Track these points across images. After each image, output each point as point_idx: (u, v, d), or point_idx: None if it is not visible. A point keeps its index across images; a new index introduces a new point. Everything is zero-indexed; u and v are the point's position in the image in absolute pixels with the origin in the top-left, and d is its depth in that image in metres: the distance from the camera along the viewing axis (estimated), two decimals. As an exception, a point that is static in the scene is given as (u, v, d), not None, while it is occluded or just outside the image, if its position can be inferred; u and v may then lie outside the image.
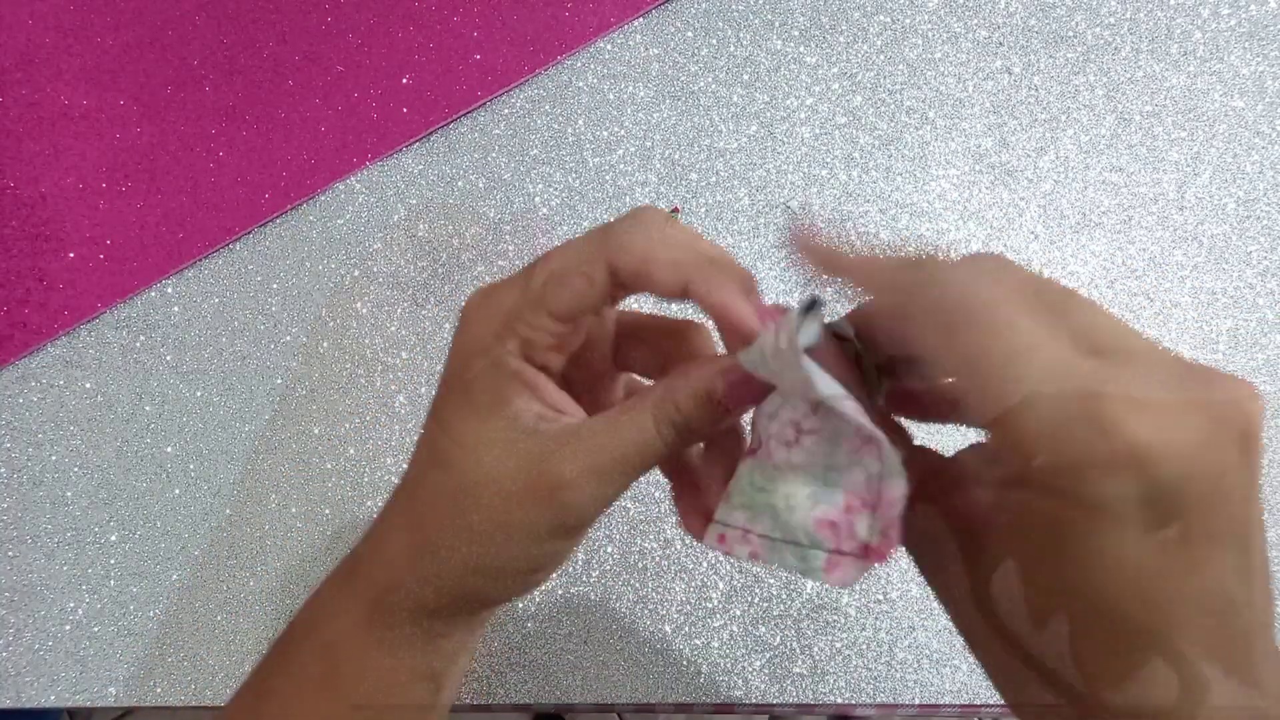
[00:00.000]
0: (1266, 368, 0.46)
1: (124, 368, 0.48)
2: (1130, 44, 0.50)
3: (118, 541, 0.46)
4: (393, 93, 0.51)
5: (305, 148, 0.50)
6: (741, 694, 0.43)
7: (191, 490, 0.46)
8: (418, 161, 0.50)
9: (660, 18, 0.51)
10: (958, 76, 0.50)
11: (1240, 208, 0.48)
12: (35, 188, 0.50)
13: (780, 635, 0.43)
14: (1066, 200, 0.48)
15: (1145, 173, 0.49)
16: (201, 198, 0.50)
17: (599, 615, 0.44)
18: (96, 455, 0.47)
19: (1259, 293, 0.47)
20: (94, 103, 0.51)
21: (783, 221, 0.49)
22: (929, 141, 0.49)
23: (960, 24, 0.51)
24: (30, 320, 0.48)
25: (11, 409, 0.48)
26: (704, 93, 0.50)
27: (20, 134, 0.51)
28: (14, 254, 0.49)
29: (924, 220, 0.48)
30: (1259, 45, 0.50)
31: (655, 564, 0.44)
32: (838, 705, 0.43)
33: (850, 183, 0.49)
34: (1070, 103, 0.49)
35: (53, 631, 0.45)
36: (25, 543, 0.46)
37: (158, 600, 0.45)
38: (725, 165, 0.49)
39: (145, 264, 0.49)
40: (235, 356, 0.48)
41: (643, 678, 0.43)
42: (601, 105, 0.50)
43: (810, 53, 0.51)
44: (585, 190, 0.49)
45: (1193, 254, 0.48)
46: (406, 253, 0.49)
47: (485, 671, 0.44)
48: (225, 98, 0.51)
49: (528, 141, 0.50)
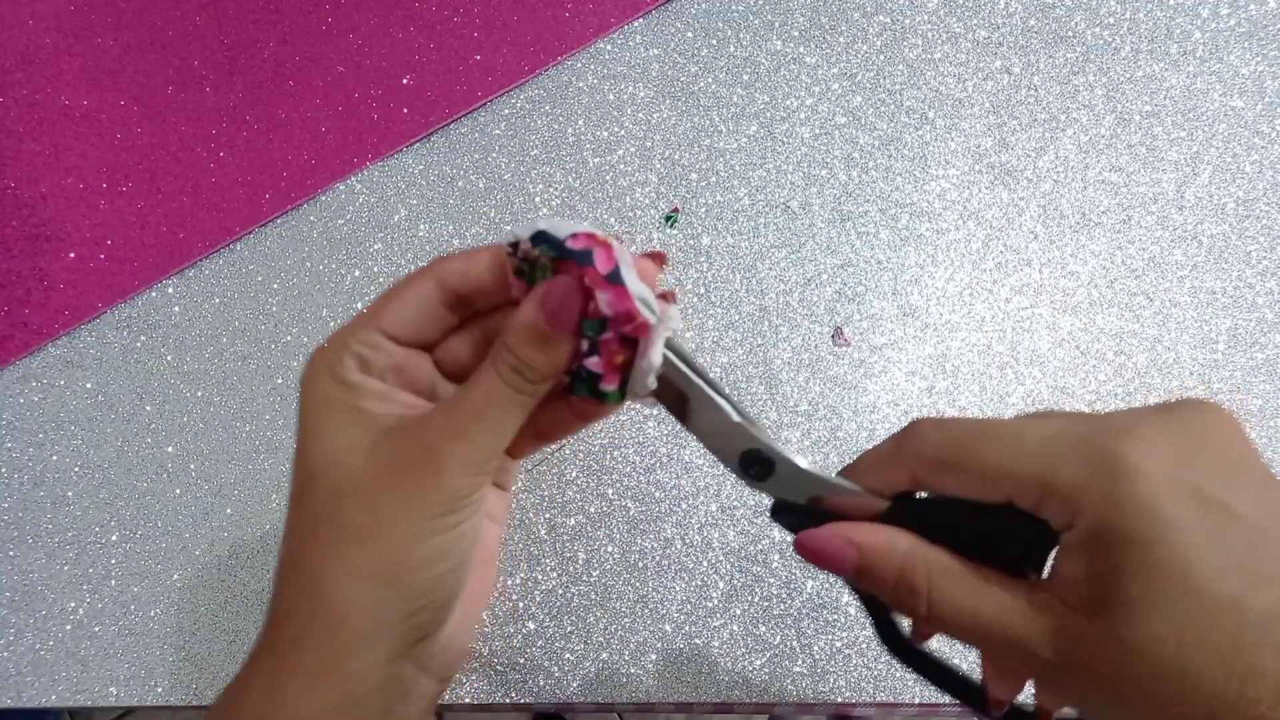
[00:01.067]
0: (1266, 367, 0.46)
1: (125, 368, 0.48)
2: (1130, 44, 0.50)
3: (118, 541, 0.46)
4: (393, 93, 0.51)
5: (306, 148, 0.50)
6: (741, 693, 0.43)
7: (192, 490, 0.46)
8: (418, 161, 0.50)
9: (660, 18, 0.51)
10: (957, 76, 0.50)
11: (1239, 207, 0.48)
12: (35, 188, 0.50)
13: (780, 635, 0.43)
14: (1066, 200, 0.48)
15: (1145, 172, 0.49)
16: (202, 198, 0.50)
17: (599, 615, 0.44)
18: (97, 455, 0.47)
19: (1258, 292, 0.47)
20: (94, 103, 0.51)
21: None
22: (929, 141, 0.49)
23: (960, 24, 0.51)
24: (31, 320, 0.48)
25: (12, 409, 0.48)
26: (704, 93, 0.50)
27: (20, 134, 0.51)
28: (14, 254, 0.49)
29: (924, 220, 0.48)
30: (1258, 45, 0.50)
31: (655, 564, 0.44)
32: (838, 705, 0.43)
33: (850, 183, 0.49)
34: (1070, 103, 0.50)
35: (53, 631, 0.45)
36: (26, 543, 0.46)
37: (158, 600, 0.45)
38: (725, 165, 0.49)
39: (146, 264, 0.49)
40: (236, 356, 0.48)
41: (643, 678, 0.43)
42: (601, 105, 0.50)
43: (810, 53, 0.51)
44: (585, 190, 0.49)
45: (1192, 254, 0.48)
46: (406, 253, 0.49)
47: (485, 671, 0.44)
48: (226, 98, 0.51)
49: (528, 141, 0.50)
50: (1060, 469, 0.22)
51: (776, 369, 0.47)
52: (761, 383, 0.47)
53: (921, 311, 0.47)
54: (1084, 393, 0.46)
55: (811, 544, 0.26)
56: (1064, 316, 0.47)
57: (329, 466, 0.26)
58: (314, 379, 0.27)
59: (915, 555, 0.25)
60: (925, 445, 0.26)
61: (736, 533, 0.45)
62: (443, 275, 0.27)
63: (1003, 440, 0.24)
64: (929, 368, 0.46)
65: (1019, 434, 0.24)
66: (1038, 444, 0.23)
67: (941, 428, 0.26)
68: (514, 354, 0.26)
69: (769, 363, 0.47)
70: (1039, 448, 0.23)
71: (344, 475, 0.26)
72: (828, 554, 0.26)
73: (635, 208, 0.49)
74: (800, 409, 0.46)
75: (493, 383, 0.26)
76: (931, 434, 0.26)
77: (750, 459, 0.28)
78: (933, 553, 0.25)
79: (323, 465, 0.26)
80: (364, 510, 0.25)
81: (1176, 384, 0.46)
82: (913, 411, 0.46)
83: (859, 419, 0.46)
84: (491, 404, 0.26)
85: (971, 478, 0.24)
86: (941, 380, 0.46)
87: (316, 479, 0.26)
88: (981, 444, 0.24)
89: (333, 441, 0.26)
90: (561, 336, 0.26)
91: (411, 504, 0.25)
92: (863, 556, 0.26)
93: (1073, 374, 0.46)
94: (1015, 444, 0.24)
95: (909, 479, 0.26)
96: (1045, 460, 0.23)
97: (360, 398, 0.26)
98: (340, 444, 0.26)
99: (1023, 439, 0.24)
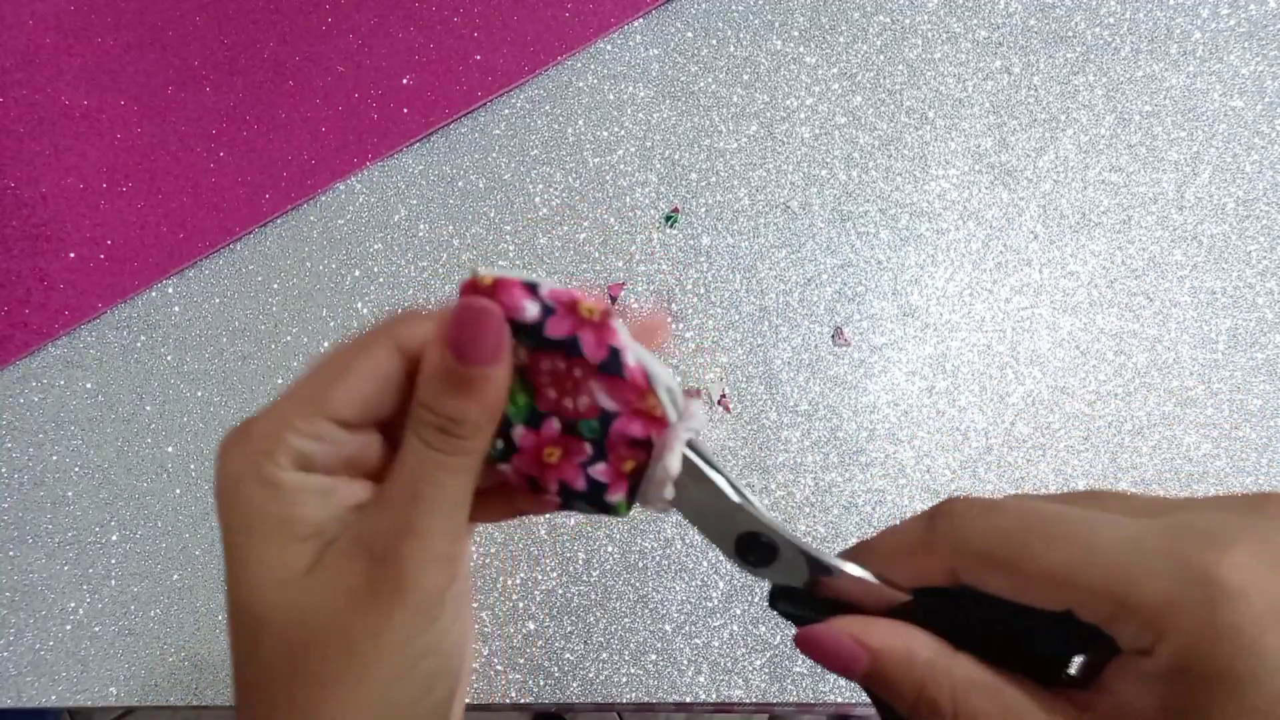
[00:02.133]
0: (1266, 367, 0.46)
1: (125, 368, 0.48)
2: (1130, 44, 0.50)
3: (118, 541, 0.46)
4: (393, 93, 0.51)
5: (306, 148, 0.50)
6: (741, 693, 0.43)
7: (192, 490, 0.46)
8: (418, 161, 0.50)
9: (660, 18, 0.51)
10: (957, 76, 0.50)
11: (1239, 207, 0.48)
12: (36, 188, 0.50)
13: (780, 635, 0.43)
14: (1066, 200, 0.48)
15: (1145, 172, 0.49)
16: (202, 198, 0.50)
17: (599, 615, 0.44)
18: (97, 455, 0.47)
19: (1258, 292, 0.47)
20: (94, 103, 0.51)
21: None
22: (929, 141, 0.49)
23: (960, 24, 0.51)
24: (31, 320, 0.48)
25: (12, 409, 0.48)
26: (704, 93, 0.50)
27: (21, 134, 0.51)
28: (14, 254, 0.49)
29: (924, 220, 0.48)
30: (1258, 45, 0.50)
31: (655, 564, 0.44)
32: (838, 705, 0.43)
33: (850, 183, 0.49)
34: (1070, 103, 0.50)
35: (54, 631, 0.45)
36: (26, 543, 0.46)
37: (158, 600, 0.45)
38: (725, 165, 0.49)
39: (146, 264, 0.49)
40: (236, 356, 0.48)
41: (643, 678, 0.43)
42: (601, 105, 0.50)
43: (810, 53, 0.51)
44: (585, 190, 0.49)
45: (1192, 254, 0.48)
46: (406, 253, 0.49)
47: (485, 671, 0.44)
48: (226, 98, 0.51)
49: (528, 141, 0.50)
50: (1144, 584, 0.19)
51: (776, 369, 0.47)
52: (761, 383, 0.47)
53: (921, 311, 0.47)
54: (1084, 392, 0.46)
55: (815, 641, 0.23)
56: (1064, 316, 0.47)
57: (274, 609, 0.21)
58: (234, 485, 0.21)
59: (938, 668, 0.22)
60: (970, 536, 0.22)
61: (736, 533, 0.45)
62: (405, 341, 0.22)
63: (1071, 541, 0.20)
64: (929, 368, 0.46)
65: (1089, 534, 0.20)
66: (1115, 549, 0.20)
67: (989, 515, 0.22)
68: (432, 411, 0.21)
69: (769, 363, 0.47)
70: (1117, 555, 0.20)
71: (296, 621, 0.21)
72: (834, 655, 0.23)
73: (635, 208, 0.49)
74: (800, 409, 0.46)
75: (420, 454, 0.21)
76: (977, 523, 0.22)
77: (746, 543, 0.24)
78: (958, 663, 0.22)
79: (266, 608, 0.21)
80: (334, 659, 0.21)
81: (1176, 384, 0.46)
82: (913, 411, 0.46)
83: (859, 419, 0.46)
84: (425, 480, 0.21)
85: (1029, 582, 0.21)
86: (941, 380, 0.46)
87: (263, 628, 0.21)
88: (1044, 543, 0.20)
89: (270, 574, 0.21)
90: (482, 370, 0.21)
91: (386, 638, 0.21)
92: (875, 663, 0.22)
93: (1073, 374, 0.46)
94: (1086, 546, 0.20)
95: (943, 573, 0.22)
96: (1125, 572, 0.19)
97: (296, 504, 0.21)
98: (279, 576, 0.21)
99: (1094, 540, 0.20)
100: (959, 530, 0.22)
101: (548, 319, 0.22)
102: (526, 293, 0.21)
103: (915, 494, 0.45)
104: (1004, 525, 0.21)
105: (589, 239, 0.49)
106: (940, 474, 0.45)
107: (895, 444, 0.46)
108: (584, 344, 0.21)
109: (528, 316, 0.22)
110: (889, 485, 0.45)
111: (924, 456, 0.46)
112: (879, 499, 0.46)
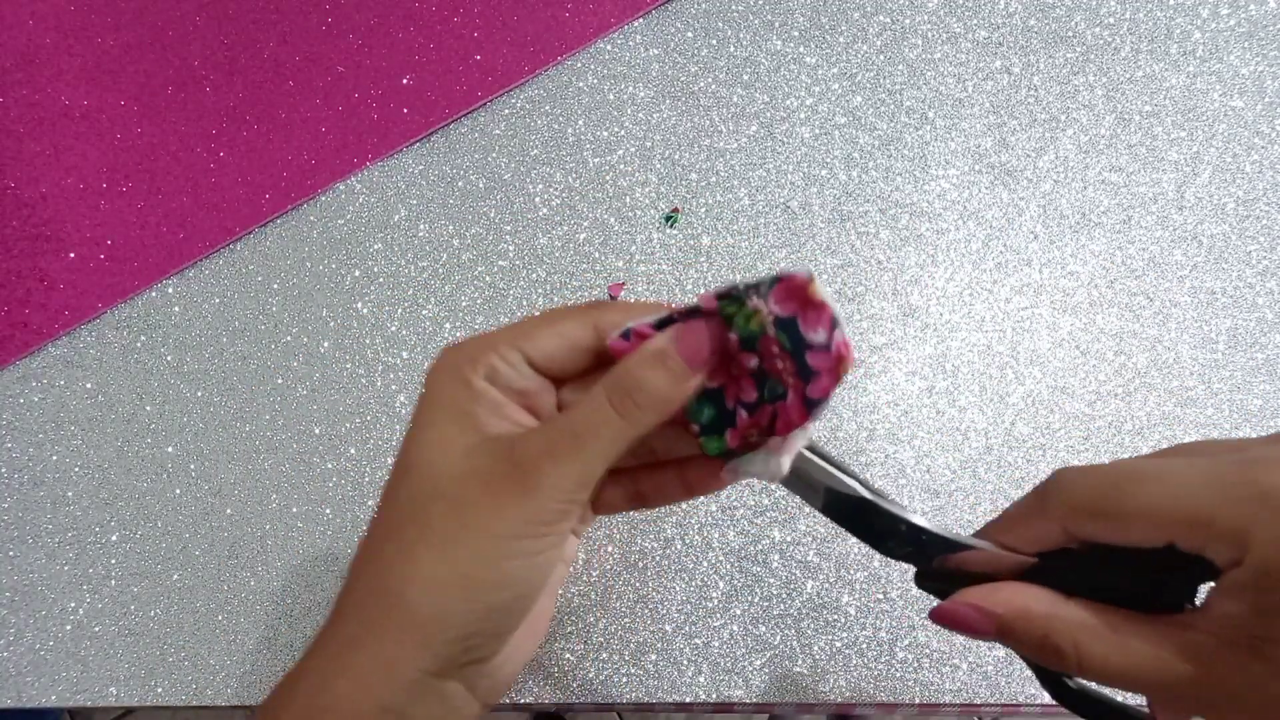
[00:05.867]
0: (1266, 367, 0.46)
1: (125, 368, 0.48)
2: (1130, 44, 0.50)
3: (118, 541, 0.46)
4: (393, 93, 0.51)
5: (306, 148, 0.50)
6: (741, 694, 0.43)
7: (192, 490, 0.46)
8: (418, 161, 0.50)
9: (660, 18, 0.51)
10: (957, 76, 0.50)
11: (1239, 207, 0.48)
12: (35, 188, 0.50)
13: (780, 635, 0.43)
14: (1066, 200, 0.48)
15: (1145, 172, 0.49)
16: (202, 198, 0.50)
17: (599, 615, 0.44)
18: (97, 455, 0.47)
19: (1258, 292, 0.47)
20: (94, 103, 0.51)
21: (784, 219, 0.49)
22: (929, 141, 0.49)
23: (960, 24, 0.51)
24: (31, 320, 0.48)
25: (12, 409, 0.48)
26: (704, 93, 0.50)
27: (20, 134, 0.51)
28: (14, 254, 0.49)
29: (924, 220, 0.48)
30: (1258, 45, 0.50)
31: (655, 564, 0.44)
32: (838, 705, 0.43)
33: (850, 183, 0.49)
34: (1070, 103, 0.50)
35: (53, 631, 0.45)
36: (26, 543, 0.46)
37: (158, 600, 0.45)
38: (725, 165, 0.49)
39: (146, 264, 0.49)
40: (236, 356, 0.48)
41: (642, 678, 0.43)
42: (601, 105, 0.50)
43: (810, 53, 0.51)
44: (585, 190, 0.49)
45: (1192, 254, 0.48)
46: (406, 253, 0.49)
47: (485, 671, 0.44)
48: (226, 98, 0.51)
49: (528, 141, 0.50)
50: (1226, 508, 0.22)
51: (776, 369, 0.47)
52: (761, 383, 0.47)
53: (921, 311, 0.47)
54: (1084, 392, 0.46)
55: (945, 615, 0.27)
56: (1064, 316, 0.47)
57: (425, 464, 0.26)
58: (440, 376, 0.27)
59: (1055, 617, 0.25)
60: (1074, 494, 0.25)
61: (736, 533, 0.45)
62: (601, 323, 0.27)
63: (1160, 481, 0.23)
64: (929, 368, 0.46)
65: (1170, 473, 0.23)
66: (1199, 483, 0.23)
67: (1087, 475, 0.25)
68: (630, 374, 0.25)
69: (769, 363, 0.47)
70: (1201, 487, 0.23)
71: (437, 475, 0.25)
72: (963, 623, 0.26)
73: (635, 208, 0.49)
74: (800, 409, 0.46)
75: (598, 404, 0.25)
76: (1078, 481, 0.25)
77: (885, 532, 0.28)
78: (1072, 610, 0.25)
79: (419, 461, 0.26)
80: (449, 516, 0.25)
81: (1176, 384, 0.46)
82: (913, 411, 0.46)
83: (859, 419, 0.46)
84: (592, 428, 0.25)
85: (1130, 523, 0.24)
86: (941, 380, 0.46)
87: (411, 474, 0.26)
88: (1136, 486, 0.24)
89: (439, 440, 0.26)
90: (685, 368, 0.25)
91: (497, 519, 0.25)
92: (1001, 624, 0.25)
93: (1073, 374, 0.46)
94: (1174, 484, 0.23)
95: (1058, 532, 0.26)
96: (1209, 499, 0.22)
97: (476, 403, 0.26)
98: (441, 442, 0.26)
99: (1181, 478, 0.23)
100: (1065, 491, 0.25)
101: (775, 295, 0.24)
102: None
103: (915, 494, 0.45)
104: (1102, 479, 0.25)
105: (589, 239, 0.49)
106: (940, 474, 0.45)
107: (895, 444, 0.46)
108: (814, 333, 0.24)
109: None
110: (889, 485, 0.45)
111: (924, 456, 0.46)
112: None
